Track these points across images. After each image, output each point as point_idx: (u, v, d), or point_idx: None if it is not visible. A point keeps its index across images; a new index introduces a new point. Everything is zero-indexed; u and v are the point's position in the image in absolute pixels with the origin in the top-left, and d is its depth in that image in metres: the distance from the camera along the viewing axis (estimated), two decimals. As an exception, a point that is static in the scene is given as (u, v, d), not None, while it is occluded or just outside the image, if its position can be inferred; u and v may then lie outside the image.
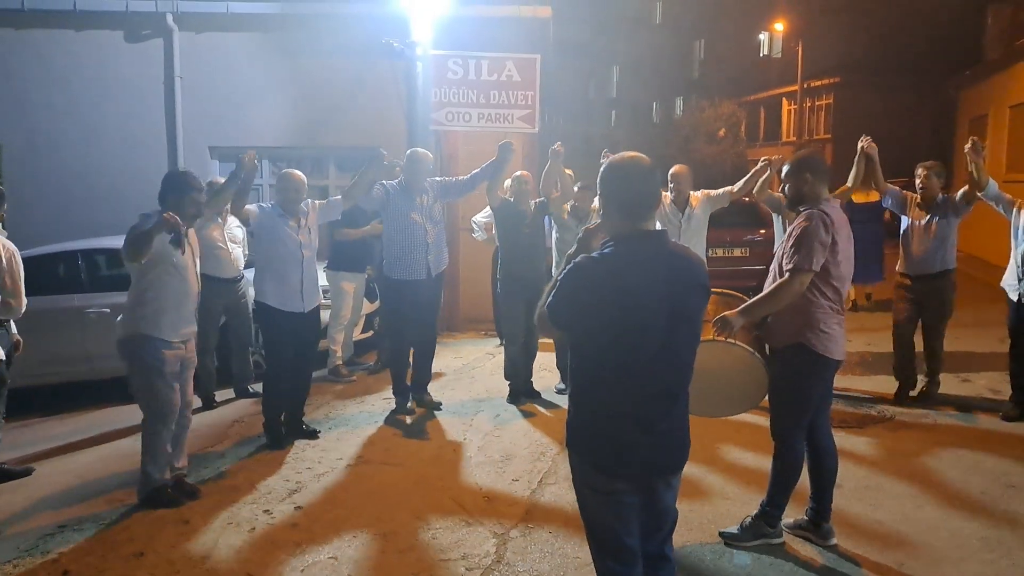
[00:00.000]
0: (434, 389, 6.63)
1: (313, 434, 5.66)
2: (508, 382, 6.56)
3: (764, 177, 5.85)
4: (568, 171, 7.19)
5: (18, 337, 5.43)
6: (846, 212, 3.95)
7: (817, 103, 31.23)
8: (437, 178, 6.33)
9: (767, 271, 3.94)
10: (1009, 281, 5.86)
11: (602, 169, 2.64)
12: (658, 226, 2.95)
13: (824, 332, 3.70)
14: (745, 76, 33.98)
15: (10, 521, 4.48)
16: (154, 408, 4.46)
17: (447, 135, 9.26)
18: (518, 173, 6.51)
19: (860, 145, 5.80)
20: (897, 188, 6.25)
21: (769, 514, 3.88)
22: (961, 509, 4.31)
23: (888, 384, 6.48)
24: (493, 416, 6.10)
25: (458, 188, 6.31)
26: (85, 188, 9.46)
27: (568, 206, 6.60)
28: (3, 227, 5.64)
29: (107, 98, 9.60)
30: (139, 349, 4.41)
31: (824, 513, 3.93)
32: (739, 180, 6.23)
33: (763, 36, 34.66)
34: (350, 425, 5.94)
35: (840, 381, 6.67)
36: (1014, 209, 5.81)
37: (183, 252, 4.45)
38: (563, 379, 6.72)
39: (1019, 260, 5.73)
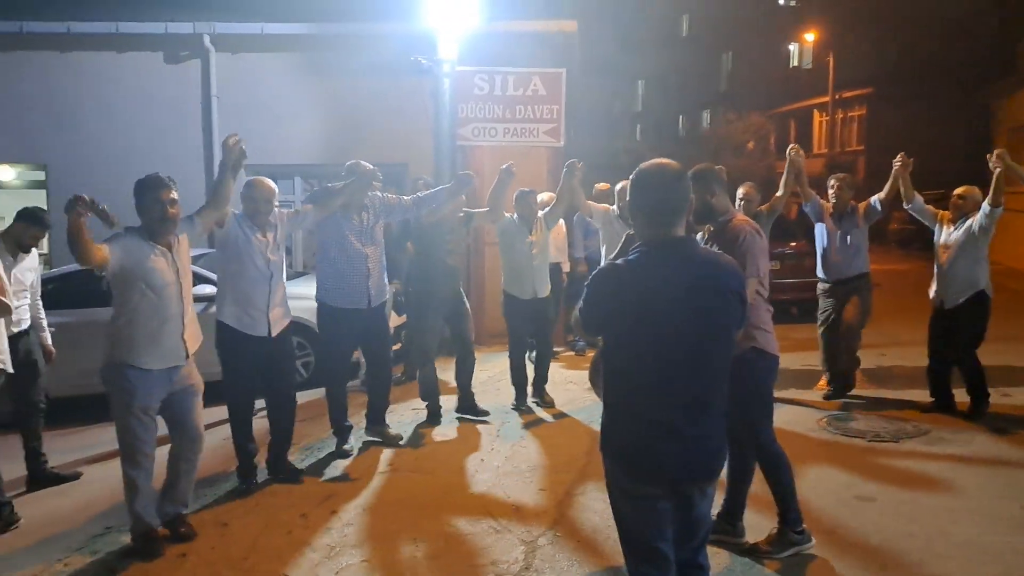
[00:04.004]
0: (463, 400, 6.74)
1: (296, 476, 5.11)
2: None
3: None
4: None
5: (51, 347, 5.55)
6: None
7: (849, 114, 30.89)
8: (378, 194, 5.68)
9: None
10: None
11: (632, 176, 2.67)
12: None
13: (767, 332, 3.86)
14: (774, 88, 33.76)
15: (61, 522, 4.67)
16: (122, 444, 4.05)
17: (473, 150, 9.40)
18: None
19: (789, 155, 6.16)
20: (819, 198, 6.66)
21: (790, 520, 3.92)
22: (997, 524, 4.29)
23: (919, 396, 6.52)
24: (520, 427, 6.21)
25: (401, 209, 5.77)
26: (125, 205, 9.68)
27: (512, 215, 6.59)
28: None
29: (146, 118, 9.91)
30: (111, 377, 4.00)
31: (739, 512, 4.05)
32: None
33: (793, 47, 34.46)
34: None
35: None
36: (936, 222, 6.18)
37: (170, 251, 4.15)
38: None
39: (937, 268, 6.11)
